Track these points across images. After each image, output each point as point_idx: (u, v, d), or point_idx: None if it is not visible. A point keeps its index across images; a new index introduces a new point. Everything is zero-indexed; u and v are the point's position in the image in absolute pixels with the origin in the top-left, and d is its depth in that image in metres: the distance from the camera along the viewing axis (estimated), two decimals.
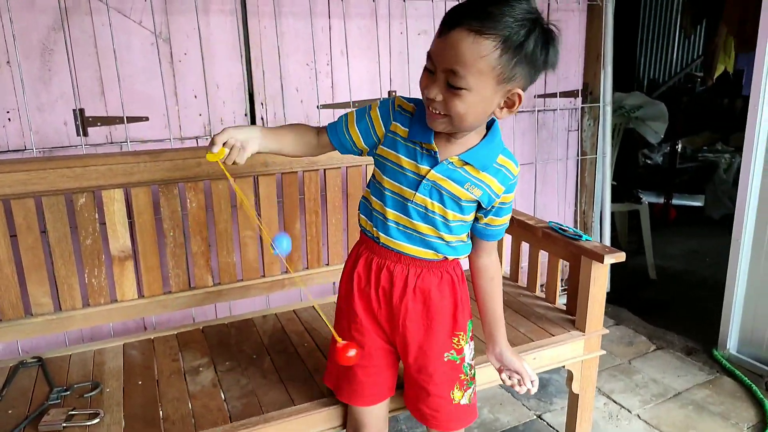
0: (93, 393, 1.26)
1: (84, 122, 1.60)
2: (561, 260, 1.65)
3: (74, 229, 1.44)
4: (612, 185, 3.12)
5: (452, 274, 1.14)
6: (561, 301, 1.68)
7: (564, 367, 1.52)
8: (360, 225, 1.16)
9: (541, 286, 1.80)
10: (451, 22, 0.90)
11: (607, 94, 2.43)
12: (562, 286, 2.19)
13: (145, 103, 1.66)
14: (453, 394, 1.15)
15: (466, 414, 1.17)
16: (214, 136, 1.02)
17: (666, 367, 2.11)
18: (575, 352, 1.52)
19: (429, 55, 0.95)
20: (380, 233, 1.10)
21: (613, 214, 3.16)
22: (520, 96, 0.95)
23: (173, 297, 1.56)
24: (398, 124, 1.06)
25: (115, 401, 1.24)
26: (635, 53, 5.35)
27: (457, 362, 1.15)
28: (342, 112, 1.92)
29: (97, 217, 1.44)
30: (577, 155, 2.51)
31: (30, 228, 1.38)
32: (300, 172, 1.65)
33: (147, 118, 1.68)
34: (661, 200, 4.00)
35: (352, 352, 1.04)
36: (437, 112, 0.96)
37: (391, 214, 1.07)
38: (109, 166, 1.41)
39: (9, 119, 1.53)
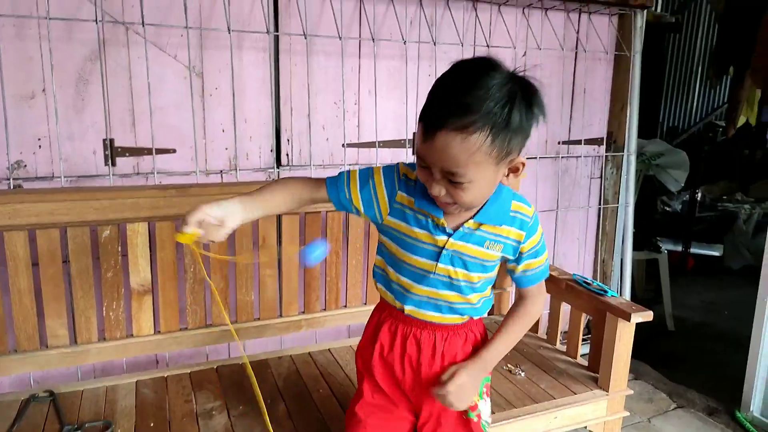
0: None
1: (113, 152, 1.61)
2: (583, 315, 1.61)
3: (96, 260, 1.43)
4: None
5: (475, 332, 1.12)
6: (582, 351, 1.64)
7: (586, 428, 1.48)
8: (381, 295, 1.13)
9: (562, 334, 1.75)
10: (432, 126, 0.88)
11: (632, 144, 2.41)
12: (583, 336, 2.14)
13: (173, 136, 1.67)
14: (468, 413, 1.11)
15: None
16: (186, 214, 0.93)
17: (687, 427, 2.04)
18: (598, 412, 1.47)
19: (419, 154, 0.93)
20: (404, 305, 1.07)
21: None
22: (523, 162, 0.95)
23: (189, 334, 1.54)
24: (404, 194, 1.03)
25: None
26: (659, 101, 5.36)
27: (474, 420, 1.12)
28: (368, 152, 1.93)
29: (120, 249, 1.44)
30: (599, 203, 2.49)
31: (53, 258, 1.37)
32: (323, 212, 1.64)
33: (174, 150, 1.68)
34: (679, 248, 3.95)
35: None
36: (446, 202, 0.95)
37: (415, 288, 1.05)
38: (135, 199, 1.41)
39: (40, 146, 1.54)
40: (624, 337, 1.46)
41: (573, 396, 1.46)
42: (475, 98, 0.85)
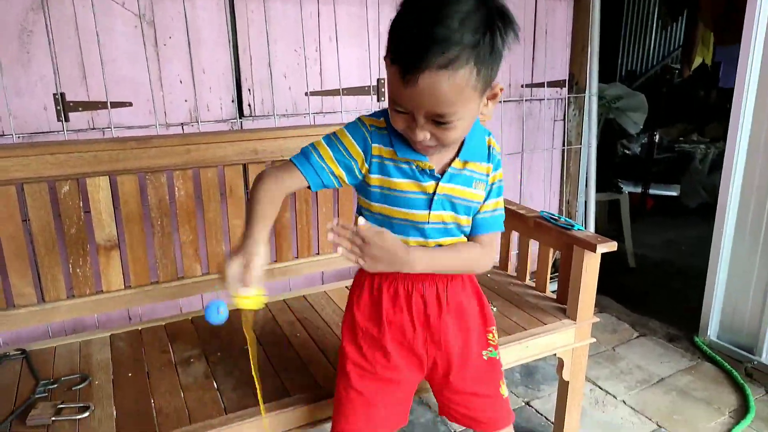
0: (81, 386, 1.23)
1: (65, 107, 1.54)
2: (551, 249, 1.66)
3: (58, 217, 1.39)
4: None
5: (474, 281, 1.12)
6: (550, 288, 1.69)
7: (555, 355, 1.54)
8: None
9: (531, 273, 1.80)
10: (412, 68, 0.80)
11: (593, 85, 2.44)
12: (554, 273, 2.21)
13: (128, 89, 1.61)
14: (501, 389, 1.13)
15: (510, 408, 1.15)
16: (237, 273, 0.86)
17: (649, 353, 2.15)
18: (567, 340, 1.53)
19: (394, 100, 0.87)
20: None
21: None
22: (501, 89, 0.90)
23: (161, 287, 1.52)
24: (380, 146, 0.97)
25: (105, 394, 1.21)
26: (618, 44, 5.40)
27: (496, 357, 1.13)
28: (332, 99, 1.90)
29: (81, 205, 1.40)
30: (563, 145, 2.53)
31: (11, 216, 1.33)
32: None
33: (131, 104, 1.63)
34: (639, 190, 4.06)
35: None
36: (429, 145, 0.91)
37: (411, 242, 1.00)
38: (94, 153, 1.37)
39: None
40: (590, 267, 1.50)
41: (543, 326, 1.51)
42: (452, 29, 0.78)
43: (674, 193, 4.18)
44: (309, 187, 0.99)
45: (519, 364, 2.03)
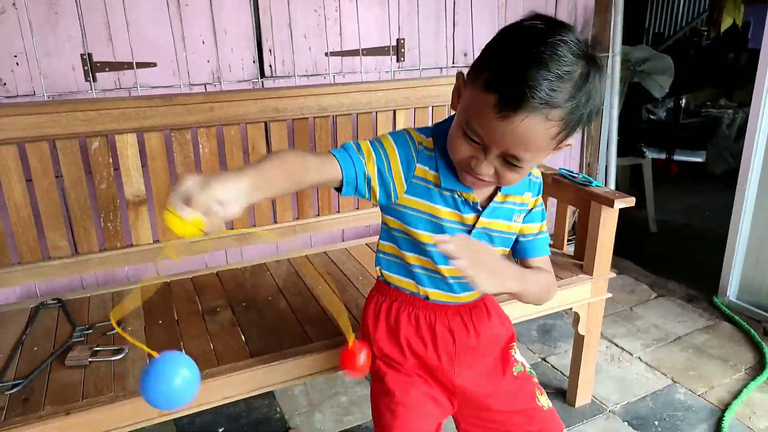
0: (115, 331, 1.29)
1: (92, 67, 1.59)
2: (569, 207, 1.67)
3: (89, 174, 1.45)
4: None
5: (492, 301, 1.08)
6: (569, 249, 1.71)
7: (571, 309, 1.56)
8: (388, 282, 1.02)
9: (550, 235, 1.82)
10: (514, 104, 0.74)
11: (617, 45, 2.40)
12: (568, 237, 2.22)
13: (153, 49, 1.64)
14: (539, 401, 1.05)
15: (557, 419, 1.06)
16: (188, 189, 0.66)
17: (667, 313, 2.16)
18: (583, 294, 1.55)
19: (471, 127, 0.80)
20: (431, 290, 0.98)
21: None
22: (570, 144, 0.85)
23: (188, 242, 1.58)
24: (426, 168, 0.91)
25: (138, 338, 1.27)
26: (645, 5, 5.26)
27: (523, 371, 1.08)
28: (351, 60, 1.92)
29: (111, 161, 1.45)
30: None
31: (45, 172, 1.38)
32: (311, 118, 1.64)
33: (155, 64, 1.66)
34: (663, 155, 4.01)
35: (362, 356, 0.92)
36: (484, 181, 0.86)
37: (445, 270, 0.96)
38: (121, 110, 1.41)
39: (17, 63, 1.51)
40: (608, 223, 1.52)
41: (559, 281, 1.53)
42: (565, 88, 0.75)
43: (700, 159, 4.11)
44: (339, 188, 0.88)
45: (535, 323, 2.08)
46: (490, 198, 0.95)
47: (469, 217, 0.94)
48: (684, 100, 4.19)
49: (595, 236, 1.52)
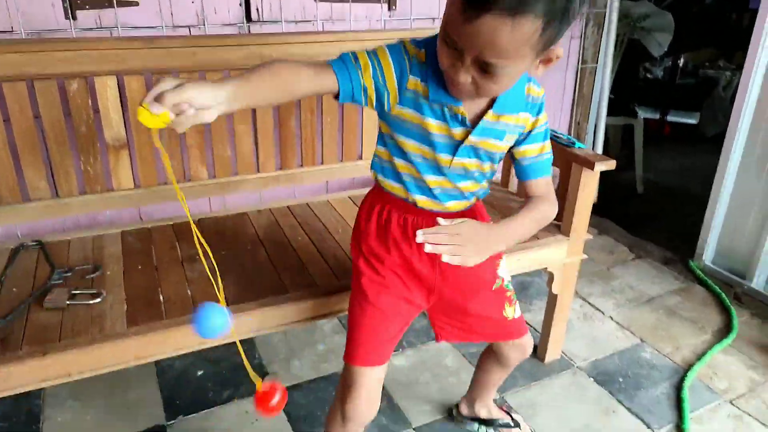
0: (94, 275, 1.31)
1: (72, 4, 1.53)
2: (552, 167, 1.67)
3: (68, 116, 1.43)
4: (609, 98, 3.10)
5: (482, 213, 1.13)
6: None
7: (546, 269, 1.59)
8: (382, 186, 1.06)
9: None
10: (478, 4, 0.73)
11: (614, 1, 2.35)
12: None
13: None
14: (505, 312, 1.16)
15: (519, 325, 1.20)
16: (162, 88, 0.70)
17: (643, 274, 2.21)
18: (558, 255, 1.58)
19: (447, 31, 0.80)
20: (418, 197, 1.01)
21: (608, 127, 3.16)
22: (558, 55, 0.84)
23: (169, 188, 1.58)
24: (417, 80, 0.91)
25: (116, 283, 1.29)
26: None
27: (501, 285, 1.16)
28: (341, 6, 1.86)
29: (90, 104, 1.43)
30: (578, 64, 2.47)
31: (23, 111, 1.37)
32: None
33: (137, 3, 1.61)
34: (657, 116, 3.98)
35: (275, 399, 0.84)
36: (467, 90, 0.85)
37: (432, 180, 0.99)
38: (101, 51, 1.38)
39: None
40: (587, 185, 1.52)
41: (536, 241, 1.55)
42: None
43: (694, 121, 4.09)
44: (336, 96, 0.90)
45: (514, 280, 2.12)
46: (481, 115, 0.94)
47: (458, 131, 0.94)
48: (682, 60, 4.13)
49: (574, 198, 1.53)
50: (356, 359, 1.08)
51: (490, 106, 0.94)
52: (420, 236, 0.90)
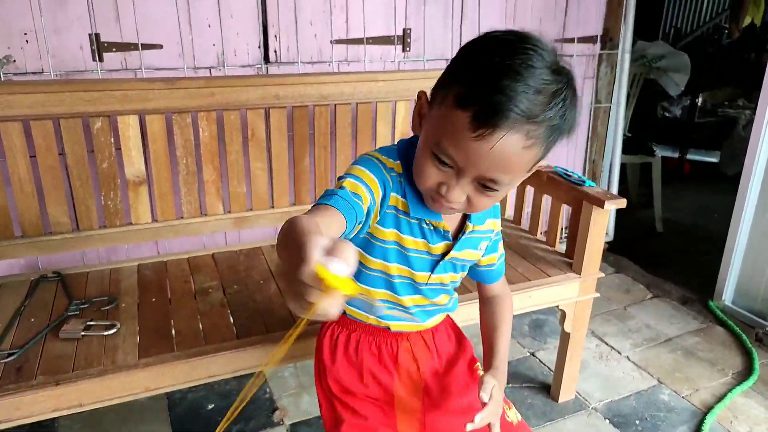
0: (109, 307, 1.34)
1: (99, 47, 1.62)
2: (564, 206, 1.68)
3: (91, 152, 1.49)
4: (627, 137, 3.10)
5: (449, 321, 1.09)
6: (562, 247, 1.72)
7: (558, 307, 1.58)
8: (345, 313, 0.97)
9: (542, 233, 1.83)
10: (494, 121, 0.68)
11: (627, 41, 2.38)
12: (563, 234, 2.23)
13: (159, 31, 1.67)
14: (508, 416, 1.01)
15: (527, 429, 1.05)
16: (320, 248, 0.51)
17: (660, 314, 2.17)
18: (570, 293, 1.57)
19: (442, 149, 0.73)
20: (392, 322, 0.96)
21: (625, 166, 3.16)
22: (541, 167, 0.84)
23: (185, 223, 1.62)
24: (397, 196, 0.84)
25: (131, 315, 1.32)
26: (662, 1, 5.16)
27: (512, 419, 1.04)
28: (356, 48, 1.93)
29: (112, 141, 1.49)
30: (591, 104, 2.49)
31: (49, 149, 1.43)
32: (311, 105, 1.67)
33: (161, 46, 1.69)
34: (677, 154, 3.97)
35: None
36: (454, 207, 0.80)
37: (409, 300, 0.93)
38: (124, 91, 1.44)
39: (27, 41, 1.55)
40: (598, 223, 1.52)
41: (547, 278, 1.55)
42: (543, 101, 0.70)
43: (713, 159, 4.07)
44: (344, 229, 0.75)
45: (527, 317, 2.10)
46: (459, 228, 0.91)
47: (437, 246, 0.89)
48: (701, 99, 4.14)
49: (585, 236, 1.53)
50: None
51: (467, 217, 0.91)
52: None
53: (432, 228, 0.87)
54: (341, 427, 0.95)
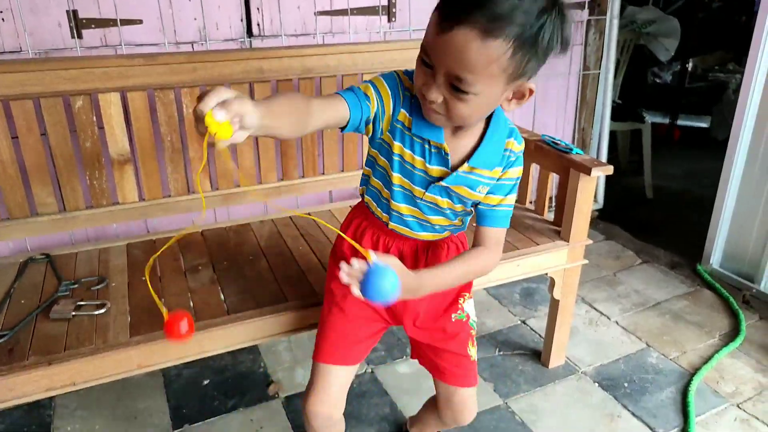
0: (99, 286, 1.34)
1: (78, 24, 1.58)
2: (552, 174, 1.68)
3: (74, 132, 1.47)
4: (617, 104, 3.09)
5: (457, 242, 1.14)
6: (550, 216, 1.73)
7: (547, 274, 1.60)
8: (365, 201, 1.11)
9: (531, 202, 1.84)
10: (451, 16, 0.76)
11: (615, 7, 2.35)
12: (551, 204, 2.23)
13: (138, 6, 1.63)
14: (469, 350, 1.15)
15: (475, 371, 1.17)
16: (223, 96, 0.64)
17: (649, 279, 2.20)
18: (558, 260, 1.58)
19: (424, 49, 0.83)
20: (390, 221, 1.06)
21: (615, 133, 3.16)
22: (531, 90, 0.87)
23: (173, 201, 1.61)
24: (405, 112, 0.95)
25: (121, 294, 1.32)
26: None
27: (464, 320, 1.15)
28: (341, 20, 1.90)
29: (95, 120, 1.47)
30: (580, 71, 2.47)
31: (30, 130, 1.41)
32: (296, 79, 1.65)
33: (141, 21, 1.66)
34: (667, 120, 3.96)
35: (183, 325, 0.76)
36: (438, 112, 0.87)
37: (404, 208, 1.03)
38: (104, 69, 1.42)
39: (3, 20, 1.51)
40: (585, 191, 1.53)
41: (536, 246, 1.56)
42: (511, 5, 0.75)
43: (704, 125, 4.07)
44: (343, 127, 0.91)
45: (518, 286, 2.12)
46: (457, 165, 0.96)
47: (434, 169, 0.97)
48: (691, 64, 4.11)
49: (572, 203, 1.53)
50: (320, 356, 1.13)
51: (468, 157, 0.96)
52: (341, 272, 0.83)
53: (433, 150, 0.96)
54: (332, 282, 1.14)
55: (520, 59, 0.79)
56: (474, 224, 1.06)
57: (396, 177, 1.00)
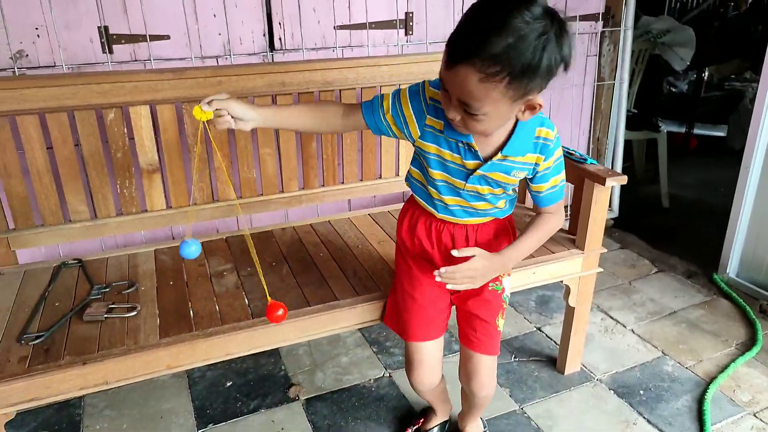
0: (129, 290, 1.40)
1: (109, 39, 1.66)
2: (567, 184, 1.71)
3: (105, 143, 1.54)
4: (632, 113, 3.11)
5: (504, 223, 1.29)
6: (565, 224, 1.75)
7: (562, 282, 1.62)
8: (414, 197, 1.27)
9: None
10: (455, 57, 0.90)
11: (629, 18, 2.38)
12: (567, 212, 2.25)
13: (166, 22, 1.71)
14: (498, 320, 1.28)
15: (498, 342, 1.30)
16: (215, 97, 1.03)
17: (665, 288, 2.21)
18: (573, 268, 1.61)
19: (441, 79, 0.97)
20: (437, 212, 1.21)
21: (631, 142, 3.17)
22: (540, 104, 0.97)
23: (198, 209, 1.67)
24: (434, 119, 1.10)
25: (150, 298, 1.38)
26: None
27: (499, 292, 1.28)
28: (359, 33, 1.95)
29: (125, 131, 1.54)
30: (594, 81, 2.50)
31: (65, 141, 1.48)
32: (316, 92, 1.70)
33: (168, 37, 1.72)
34: (683, 129, 3.96)
35: (279, 312, 1.12)
36: (458, 125, 1.02)
37: (450, 200, 1.18)
38: (134, 83, 1.48)
39: (38, 36, 1.59)
40: (600, 200, 1.56)
41: (551, 255, 1.59)
42: (505, 42, 0.85)
43: (721, 134, 4.05)
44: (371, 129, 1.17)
45: (534, 293, 2.14)
46: (493, 155, 1.10)
47: (469, 162, 1.11)
48: (707, 73, 4.11)
49: (587, 213, 1.56)
50: (410, 336, 1.29)
51: (500, 148, 1.09)
52: (438, 277, 1.11)
53: (464, 146, 1.09)
54: (396, 269, 1.34)
55: (518, 85, 0.90)
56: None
57: (436, 173, 1.15)
